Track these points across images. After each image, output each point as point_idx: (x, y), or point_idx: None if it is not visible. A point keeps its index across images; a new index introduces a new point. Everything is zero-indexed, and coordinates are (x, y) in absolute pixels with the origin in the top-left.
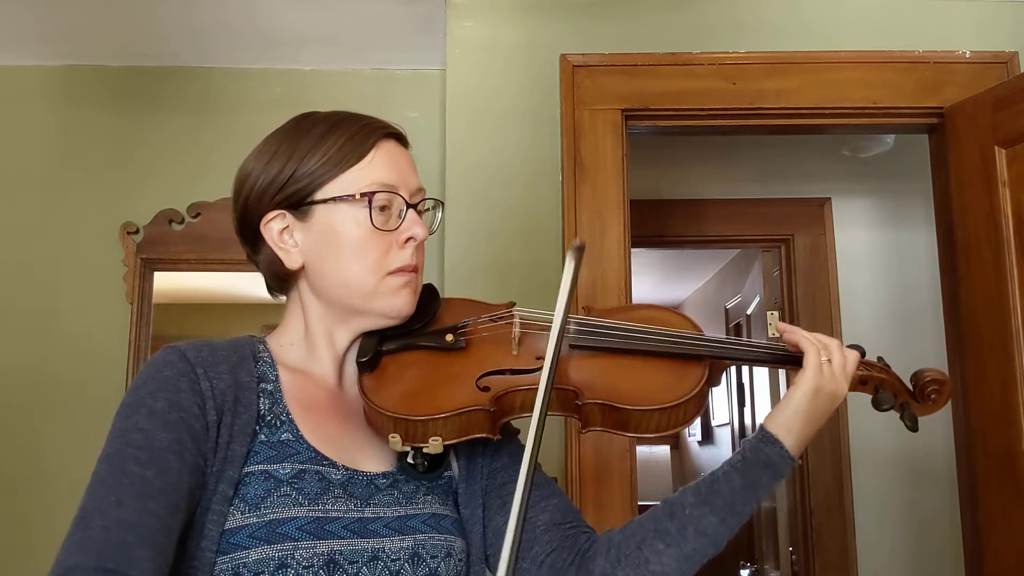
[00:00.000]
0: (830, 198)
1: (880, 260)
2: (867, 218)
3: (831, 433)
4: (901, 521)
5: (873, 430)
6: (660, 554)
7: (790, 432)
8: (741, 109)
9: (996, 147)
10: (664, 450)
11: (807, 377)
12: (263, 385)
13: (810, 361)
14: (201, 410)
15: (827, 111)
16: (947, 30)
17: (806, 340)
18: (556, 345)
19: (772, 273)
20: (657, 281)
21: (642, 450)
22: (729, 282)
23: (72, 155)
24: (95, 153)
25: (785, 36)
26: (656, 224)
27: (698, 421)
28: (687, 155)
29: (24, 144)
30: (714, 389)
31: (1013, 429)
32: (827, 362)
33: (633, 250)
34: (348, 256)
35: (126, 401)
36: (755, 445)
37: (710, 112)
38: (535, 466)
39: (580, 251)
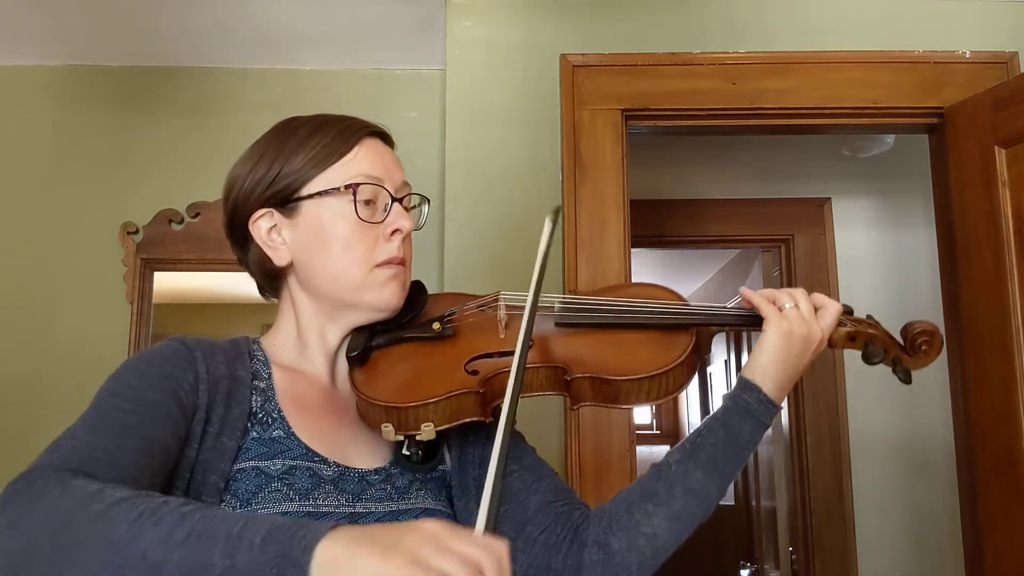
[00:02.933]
0: (830, 198)
1: (880, 260)
2: (867, 218)
3: (831, 432)
4: (901, 521)
5: (873, 430)
6: (650, 515)
7: (767, 377)
8: (741, 109)
9: (996, 147)
10: (664, 450)
11: (770, 323)
12: (256, 382)
13: (765, 310)
14: (193, 388)
15: (827, 111)
16: (947, 30)
17: (754, 296)
18: (532, 305)
19: (772, 273)
20: (657, 281)
21: (642, 449)
22: (729, 282)
23: (72, 155)
24: (95, 153)
25: (785, 36)
26: (656, 224)
27: (698, 416)
28: (687, 155)
29: (24, 144)
30: (714, 381)
31: (1013, 429)
32: (793, 307)
33: (633, 250)
34: (335, 250)
35: (117, 370)
36: (734, 395)
37: (710, 112)
38: (513, 423)
39: (557, 213)
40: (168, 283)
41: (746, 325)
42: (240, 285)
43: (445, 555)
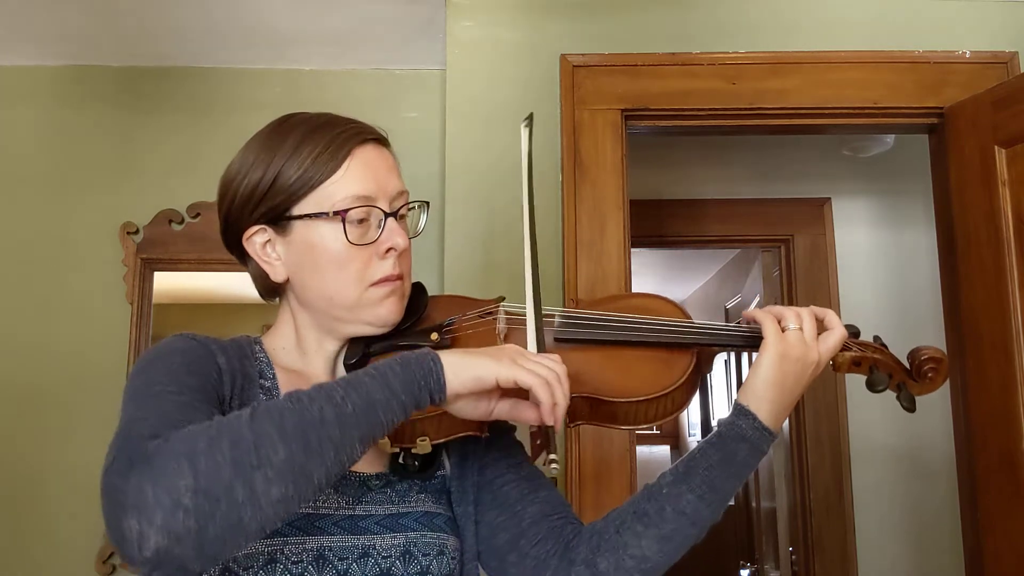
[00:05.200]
0: (830, 198)
1: (880, 260)
2: (867, 218)
3: (831, 433)
4: (901, 521)
5: (873, 430)
6: (639, 536)
7: (762, 403)
8: (741, 109)
9: (996, 147)
10: (664, 450)
11: (768, 344)
12: (262, 381)
13: (767, 330)
14: (219, 379)
15: (827, 111)
16: (947, 30)
17: (760, 313)
18: (530, 219)
19: (772, 273)
20: (657, 281)
21: (642, 450)
22: (729, 282)
23: (72, 155)
24: (95, 153)
25: (785, 36)
26: (656, 224)
27: (699, 420)
28: (687, 155)
29: (24, 144)
30: (714, 388)
31: (1013, 429)
32: (796, 330)
33: (633, 250)
34: (328, 270)
35: (139, 366)
36: (730, 420)
37: (710, 112)
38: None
39: (530, 119)
40: (168, 283)
41: (749, 347)
42: (240, 285)
43: (534, 362)
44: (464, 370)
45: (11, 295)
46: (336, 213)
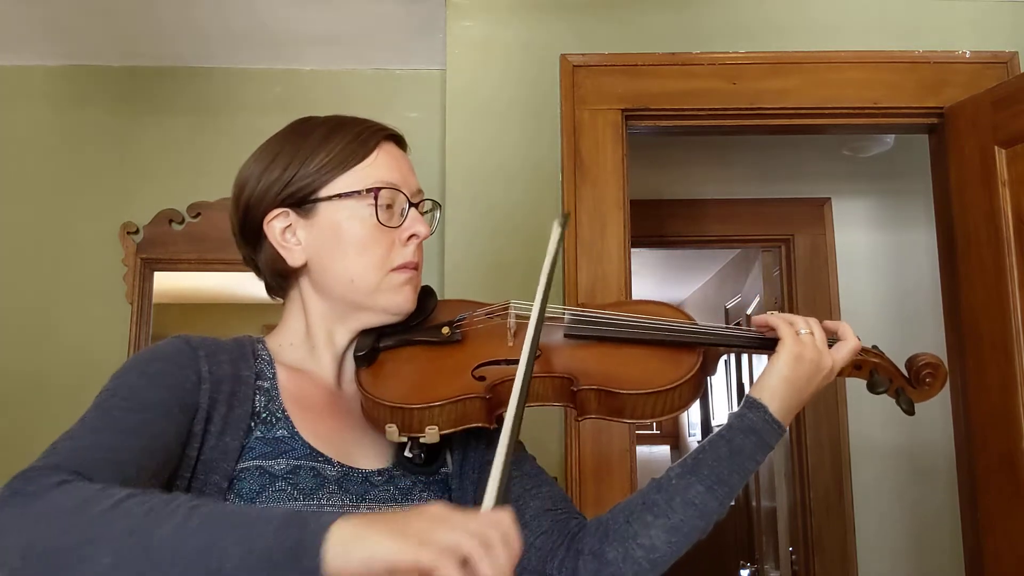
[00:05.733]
0: (830, 198)
1: (880, 260)
2: (867, 218)
3: (831, 433)
4: (901, 521)
5: (873, 430)
6: (648, 526)
7: (774, 397)
8: (741, 109)
9: (996, 147)
10: (664, 450)
11: (786, 345)
12: (260, 382)
13: (784, 331)
14: (195, 387)
15: (827, 111)
16: (947, 30)
17: (772, 317)
18: (540, 311)
19: (772, 273)
20: (657, 281)
21: (642, 450)
22: (729, 282)
23: (72, 155)
24: (95, 153)
25: (785, 36)
26: (656, 224)
27: (699, 420)
28: (687, 155)
29: (24, 144)
30: (714, 388)
31: (1013, 429)
32: (808, 334)
33: (633, 250)
34: (352, 252)
35: (120, 368)
36: (740, 412)
37: (710, 112)
38: (524, 400)
39: (565, 219)
40: (168, 283)
41: (754, 348)
42: (240, 285)
43: (452, 531)
44: (356, 547)
45: (11, 295)
46: (369, 190)
